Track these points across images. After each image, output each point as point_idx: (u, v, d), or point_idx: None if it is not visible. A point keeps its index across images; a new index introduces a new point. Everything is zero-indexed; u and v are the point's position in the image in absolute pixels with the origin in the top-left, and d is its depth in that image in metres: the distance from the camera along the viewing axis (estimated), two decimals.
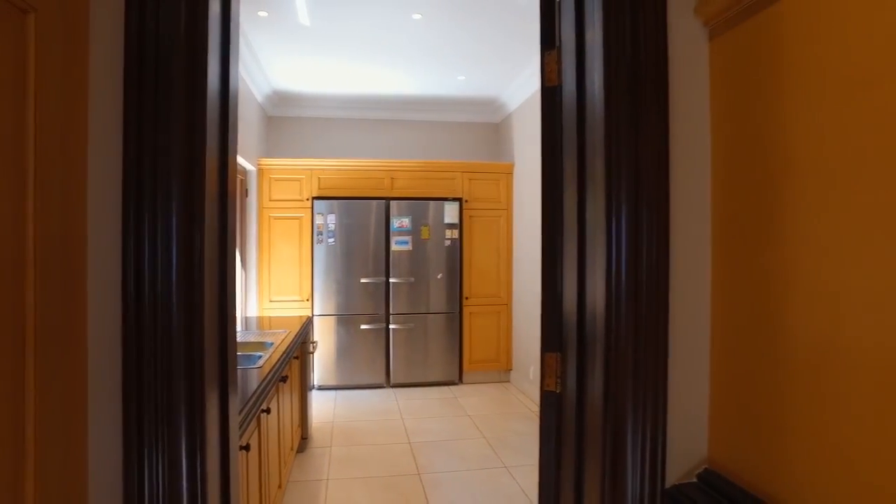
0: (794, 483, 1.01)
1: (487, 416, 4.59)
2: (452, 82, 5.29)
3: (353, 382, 5.36)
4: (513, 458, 3.70)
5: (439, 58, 4.61)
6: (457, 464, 3.60)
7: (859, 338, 0.88)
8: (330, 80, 5.17)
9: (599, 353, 1.20)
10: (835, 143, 0.93)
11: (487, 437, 4.10)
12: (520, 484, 3.30)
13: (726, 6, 1.18)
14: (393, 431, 4.22)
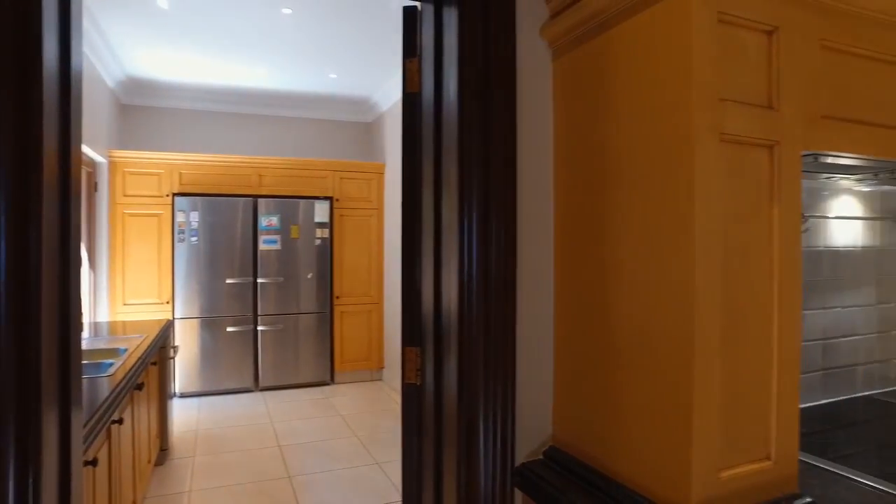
0: (617, 449, 1.16)
1: (360, 415, 4.61)
2: (324, 80, 5.23)
3: (219, 388, 5.11)
4: (385, 454, 3.76)
5: (310, 54, 4.54)
6: (329, 464, 3.59)
7: (661, 322, 1.04)
8: (194, 70, 4.87)
9: (454, 347, 1.29)
10: (639, 159, 1.09)
11: (360, 436, 4.12)
12: (391, 479, 3.37)
13: (564, 31, 1.32)
14: (262, 436, 4.09)
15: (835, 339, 1.89)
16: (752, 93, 1.05)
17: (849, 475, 1.27)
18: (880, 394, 1.98)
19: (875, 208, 1.98)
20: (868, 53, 1.23)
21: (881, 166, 1.47)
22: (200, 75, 5.03)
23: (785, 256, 1.07)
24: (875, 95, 1.24)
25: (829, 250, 1.87)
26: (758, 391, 1.06)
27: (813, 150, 1.14)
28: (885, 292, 2.02)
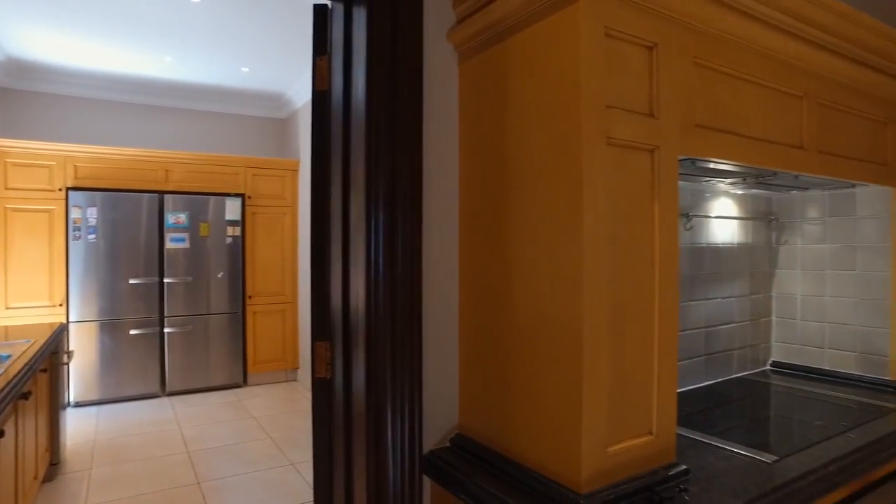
0: (517, 432, 1.24)
1: (274, 416, 4.51)
2: (236, 73, 5.07)
3: (122, 394, 4.83)
4: (300, 454, 3.72)
5: (222, 46, 4.39)
6: (241, 467, 3.50)
7: (554, 312, 1.13)
8: (89, 55, 4.56)
9: (362, 342, 1.32)
10: (535, 159, 1.17)
11: (273, 437, 4.04)
12: (307, 479, 3.33)
13: (469, 37, 1.38)
14: (169, 442, 3.92)
15: (715, 326, 2.09)
16: (635, 102, 1.16)
17: (720, 445, 1.42)
18: (751, 374, 2.21)
19: (748, 209, 2.21)
20: (733, 73, 1.38)
21: (747, 172, 1.65)
22: (97, 61, 4.72)
23: (664, 249, 1.19)
24: (739, 109, 1.40)
25: (711, 246, 2.06)
26: (641, 373, 1.17)
27: (688, 155, 1.27)
28: (756, 284, 2.26)
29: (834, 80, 1.69)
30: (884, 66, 1.84)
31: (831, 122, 1.69)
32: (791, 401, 1.87)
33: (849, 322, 2.12)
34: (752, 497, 1.15)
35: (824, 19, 1.57)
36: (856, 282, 2.11)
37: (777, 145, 1.50)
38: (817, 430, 1.56)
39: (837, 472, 1.31)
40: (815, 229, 2.23)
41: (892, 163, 1.95)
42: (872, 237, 2.06)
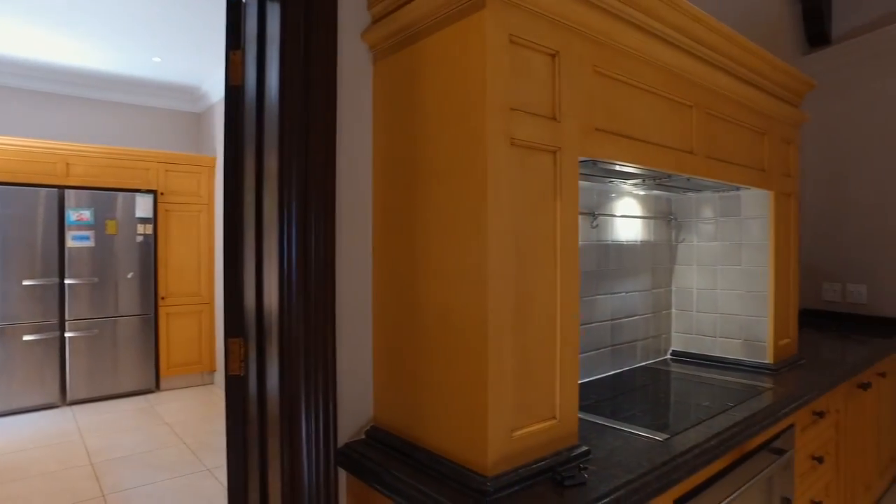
0: (428, 422, 1.29)
1: (189, 422, 4.34)
2: (146, 63, 4.82)
3: (13, 407, 4.47)
4: (217, 459, 3.60)
5: (132, 34, 4.17)
6: (152, 476, 3.35)
7: (461, 304, 1.18)
8: None
9: (275, 338, 1.32)
10: (444, 158, 1.22)
11: (188, 443, 3.89)
12: (223, 483, 3.24)
13: (383, 38, 1.41)
14: (70, 455, 3.68)
15: (620, 319, 2.23)
16: (538, 105, 1.23)
17: (621, 428, 1.53)
18: (654, 363, 2.38)
19: (649, 209, 2.37)
20: (631, 82, 1.50)
21: (646, 173, 1.78)
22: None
23: (566, 245, 1.27)
24: (636, 115, 1.51)
25: (616, 244, 2.20)
26: (544, 362, 1.25)
27: (588, 157, 1.36)
28: (657, 279, 2.43)
29: (720, 94, 1.85)
30: (761, 84, 2.04)
31: (717, 131, 1.86)
32: (687, 386, 2.03)
33: (736, 312, 2.32)
34: (644, 471, 1.25)
35: (712, 39, 1.72)
36: (741, 276, 2.31)
37: (670, 150, 1.63)
38: (705, 410, 1.70)
39: (718, 445, 1.44)
40: (708, 228, 2.42)
41: (769, 169, 2.16)
42: (755, 236, 2.27)
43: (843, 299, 3.57)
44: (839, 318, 3.56)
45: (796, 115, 2.29)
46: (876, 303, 3.42)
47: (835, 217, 3.61)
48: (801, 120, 2.34)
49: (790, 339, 2.34)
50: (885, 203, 3.38)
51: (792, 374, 2.16)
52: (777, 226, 2.24)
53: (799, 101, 2.33)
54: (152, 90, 5.56)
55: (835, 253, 3.61)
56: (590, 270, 2.08)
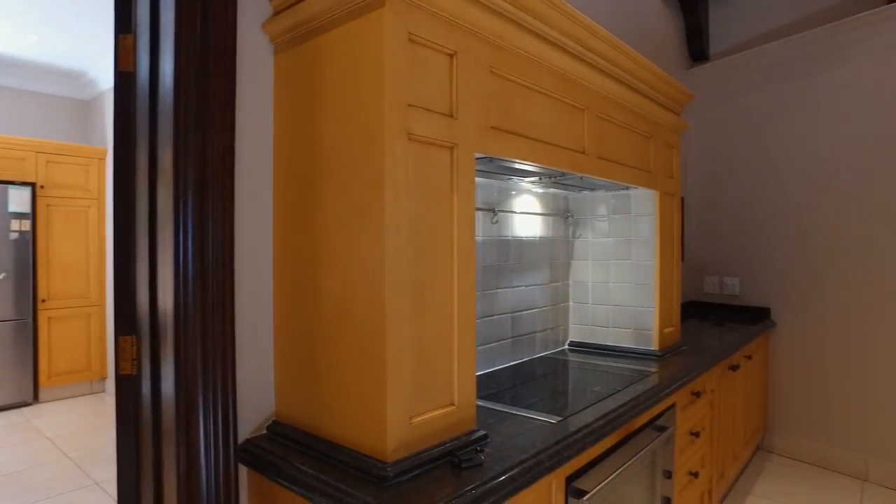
0: (330, 413, 1.29)
1: (75, 434, 4.03)
2: (20, 41, 4.41)
3: None
4: (108, 471, 3.37)
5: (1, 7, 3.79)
6: (26, 498, 3.07)
7: (360, 296, 1.20)
8: None
9: (170, 335, 1.28)
10: (344, 152, 1.24)
11: (73, 457, 3.61)
12: (113, 496, 3.04)
13: (284, 30, 1.40)
14: None
15: (520, 312, 2.33)
16: (436, 103, 1.27)
17: (519, 413, 1.61)
18: (553, 353, 2.50)
19: (548, 206, 2.50)
20: (526, 84, 1.58)
21: (542, 171, 1.88)
22: None
23: (463, 238, 1.32)
24: (531, 116, 1.60)
25: (516, 239, 2.30)
26: (442, 351, 1.29)
27: (485, 153, 1.42)
28: (555, 273, 2.56)
29: (610, 99, 1.99)
30: (647, 93, 2.21)
31: (608, 133, 1.99)
32: (582, 373, 2.16)
33: (626, 304, 2.50)
34: (537, 451, 1.33)
35: (603, 49, 1.85)
36: (631, 269, 2.49)
37: (563, 149, 1.73)
38: (596, 394, 1.83)
39: (605, 425, 1.56)
40: (602, 225, 2.59)
41: (654, 170, 2.34)
42: (643, 232, 2.46)
43: (720, 291, 3.93)
44: (717, 309, 3.91)
45: (678, 123, 2.50)
46: (746, 294, 3.79)
47: (713, 216, 3.96)
48: (683, 127, 2.55)
49: (674, 328, 2.55)
50: (754, 205, 3.75)
51: (675, 359, 2.36)
52: (662, 223, 2.43)
53: (680, 110, 2.54)
54: (29, 72, 5.09)
55: (714, 249, 3.96)
56: (490, 265, 2.16)
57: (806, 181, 3.52)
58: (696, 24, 3.90)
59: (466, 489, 1.13)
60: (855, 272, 3.32)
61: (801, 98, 3.53)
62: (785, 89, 3.60)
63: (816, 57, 3.45)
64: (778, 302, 3.64)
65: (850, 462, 3.33)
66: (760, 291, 3.73)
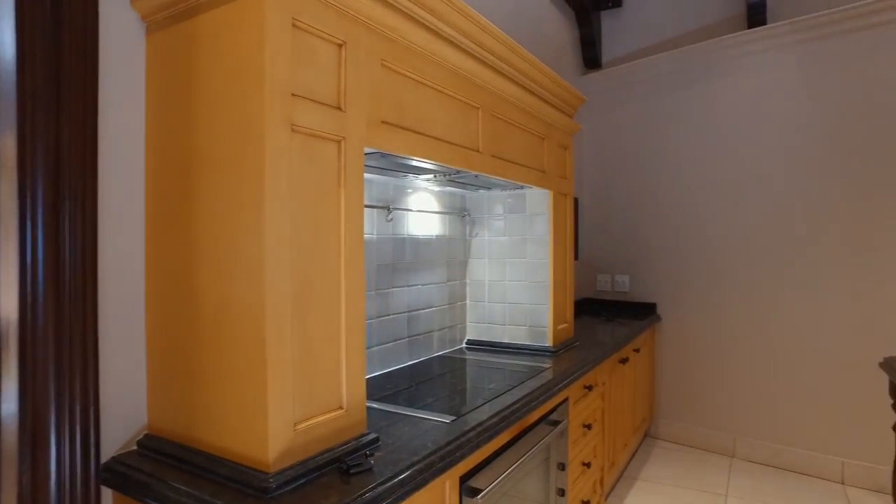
0: (208, 423, 1.20)
1: None
2: None
3: None
4: None
5: None
6: None
7: (238, 295, 1.12)
8: None
9: (14, 352, 1.12)
10: (221, 143, 1.15)
11: None
12: None
13: (157, 8, 1.28)
14: None
15: (417, 311, 2.31)
16: (323, 93, 1.22)
17: (413, 414, 1.58)
18: (450, 352, 2.51)
19: (445, 205, 2.50)
20: (419, 79, 1.55)
21: (438, 169, 1.87)
22: None
23: (350, 236, 1.27)
24: (424, 112, 1.58)
25: (412, 238, 2.27)
26: (329, 352, 1.23)
27: (375, 148, 1.38)
28: (452, 272, 2.57)
29: (505, 98, 2.02)
30: (541, 94, 2.27)
31: (502, 133, 2.02)
32: (479, 371, 2.17)
33: (522, 301, 2.55)
34: (429, 452, 1.30)
35: (497, 48, 1.86)
36: (527, 268, 2.55)
37: (458, 147, 1.73)
38: (492, 391, 1.84)
39: (499, 422, 1.57)
40: (498, 224, 2.62)
41: (548, 170, 2.41)
42: (538, 231, 2.52)
43: (612, 288, 4.14)
44: (609, 305, 4.11)
45: (571, 125, 2.59)
46: (636, 290, 4.02)
47: (605, 217, 4.17)
48: (575, 129, 2.65)
49: (567, 324, 2.64)
50: (642, 206, 3.99)
51: (568, 355, 2.44)
52: (556, 222, 2.51)
53: (573, 113, 2.64)
54: None
55: (606, 248, 4.17)
56: (386, 263, 2.12)
57: (686, 184, 3.78)
58: (591, 34, 4.09)
59: (354, 496, 1.08)
60: (728, 268, 3.61)
61: (682, 106, 3.79)
62: (668, 98, 3.85)
63: (695, 70, 3.72)
64: (663, 297, 3.89)
65: (721, 441, 3.62)
66: (648, 288, 3.96)
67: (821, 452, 3.28)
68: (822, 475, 3.25)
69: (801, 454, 3.33)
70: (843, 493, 3.06)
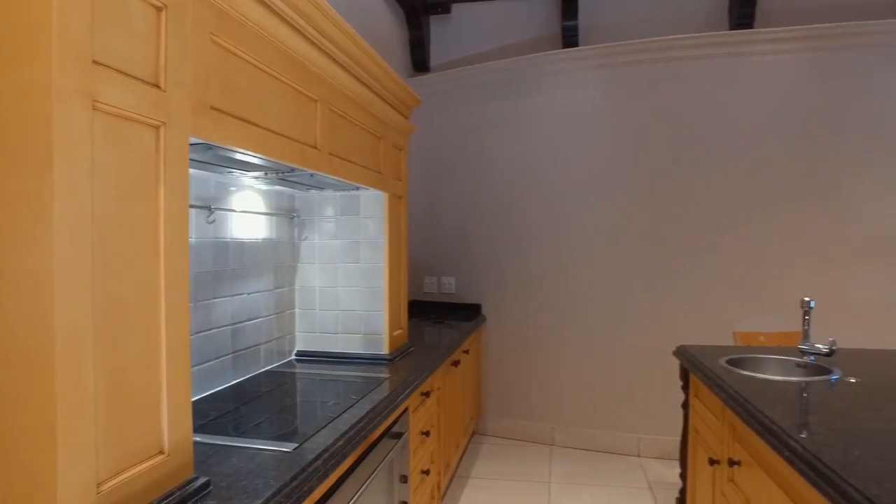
0: None
1: None
2: None
3: None
4: None
5: None
6: None
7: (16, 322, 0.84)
8: None
9: None
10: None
11: None
12: None
13: None
14: None
15: (242, 322, 2.06)
16: (137, 66, 0.97)
17: (246, 445, 1.38)
18: (278, 366, 2.29)
19: (272, 205, 2.27)
20: (255, 62, 1.36)
21: (269, 165, 1.67)
22: None
23: (173, 241, 1.04)
24: (259, 100, 1.38)
25: (237, 241, 2.02)
26: (146, 385, 1.00)
27: (203, 138, 1.16)
28: (280, 278, 2.35)
29: (343, 93, 1.88)
30: (379, 91, 2.17)
31: (340, 130, 1.88)
32: (313, 386, 2.00)
33: (355, 308, 2.43)
34: (273, 492, 1.13)
35: (336, 35, 1.72)
36: (360, 273, 2.43)
37: (294, 142, 1.56)
38: (332, 408, 1.70)
39: (346, 444, 1.44)
40: (330, 226, 2.47)
41: (384, 172, 2.32)
42: (372, 234, 2.42)
43: (438, 290, 4.19)
44: (436, 307, 4.16)
45: (407, 126, 2.53)
46: (462, 292, 4.13)
47: (432, 219, 4.21)
48: (410, 130, 2.60)
49: (402, 330, 2.58)
50: (467, 208, 4.11)
51: (404, 362, 2.38)
52: (390, 225, 2.43)
53: (409, 113, 2.59)
54: None
55: (433, 250, 4.21)
56: (206, 271, 1.85)
57: (506, 189, 3.98)
58: (420, 37, 4.10)
59: None
60: (544, 269, 3.88)
61: (504, 115, 3.98)
62: (493, 106, 4.01)
63: (517, 82, 3.93)
64: (487, 298, 4.05)
65: (542, 432, 3.89)
66: (473, 289, 4.09)
67: (623, 431, 3.69)
68: (623, 451, 3.67)
69: (609, 435, 3.72)
70: (639, 464, 3.49)
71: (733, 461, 1.87)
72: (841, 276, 3.41)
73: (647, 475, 3.33)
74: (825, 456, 1.28)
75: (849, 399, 1.78)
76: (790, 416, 1.59)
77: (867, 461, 1.25)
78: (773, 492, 1.57)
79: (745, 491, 1.79)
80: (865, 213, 3.39)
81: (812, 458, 1.30)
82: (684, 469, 2.56)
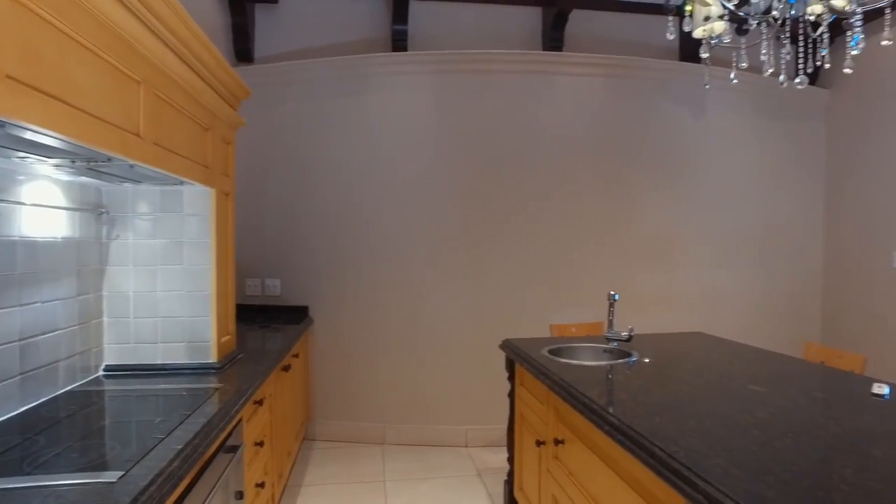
0: None
1: None
2: None
3: None
4: None
5: None
6: None
7: None
8: None
9: None
10: None
11: None
12: None
13: None
14: None
15: (35, 337, 1.74)
16: None
17: (47, 484, 1.16)
18: (82, 385, 1.98)
19: (74, 199, 1.96)
20: (66, 29, 1.16)
21: (81, 152, 1.43)
22: None
23: None
24: (71, 74, 1.18)
25: (27, 240, 1.70)
26: None
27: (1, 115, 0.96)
28: (84, 283, 2.04)
29: (170, 77, 1.69)
30: (208, 79, 2.00)
31: (166, 117, 1.69)
32: (129, 404, 1.76)
33: (178, 315, 2.20)
34: None
35: (163, 11, 1.54)
36: (183, 275, 2.21)
37: (114, 127, 1.36)
38: (160, 426, 1.51)
39: (181, 465, 1.29)
40: (146, 224, 2.20)
41: (212, 166, 2.14)
42: (196, 233, 2.21)
43: (262, 293, 3.97)
44: (261, 310, 3.93)
45: (236, 118, 2.36)
46: (287, 294, 3.96)
47: (256, 218, 3.97)
48: (239, 124, 2.43)
49: (231, 336, 2.40)
50: (293, 208, 3.95)
51: (234, 370, 2.21)
52: (218, 224, 2.24)
53: (237, 105, 2.41)
54: None
55: (256, 251, 3.97)
56: None
57: (335, 188, 3.91)
58: (244, 24, 3.83)
59: None
60: (375, 269, 3.89)
61: (339, 113, 3.90)
62: (326, 103, 3.90)
63: (351, 80, 3.88)
64: (316, 299, 3.94)
65: (373, 432, 3.90)
66: (300, 291, 3.95)
67: (451, 424, 3.86)
68: (453, 443, 3.83)
69: (438, 429, 3.85)
70: (468, 454, 3.68)
71: (558, 440, 2.07)
72: (630, 272, 3.98)
73: (476, 463, 3.52)
74: (636, 425, 1.51)
75: (646, 376, 2.08)
76: (605, 396, 1.81)
77: (666, 426, 1.51)
78: (593, 462, 1.78)
79: (569, 465, 1.99)
80: (647, 221, 4.01)
81: (626, 428, 1.51)
82: (511, 453, 2.76)
